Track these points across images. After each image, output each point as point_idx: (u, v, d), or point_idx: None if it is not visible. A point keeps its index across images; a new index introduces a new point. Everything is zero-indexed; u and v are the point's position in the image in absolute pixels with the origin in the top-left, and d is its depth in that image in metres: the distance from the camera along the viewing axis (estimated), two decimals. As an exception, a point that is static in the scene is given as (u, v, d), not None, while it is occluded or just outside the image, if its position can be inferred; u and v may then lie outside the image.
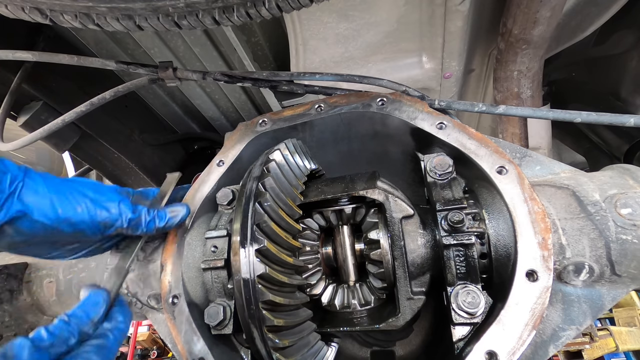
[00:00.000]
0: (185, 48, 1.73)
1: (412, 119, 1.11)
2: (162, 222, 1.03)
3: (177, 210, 1.07)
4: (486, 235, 0.92)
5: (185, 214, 1.08)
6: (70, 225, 0.89)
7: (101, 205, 0.93)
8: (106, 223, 0.93)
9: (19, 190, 0.83)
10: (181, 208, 1.08)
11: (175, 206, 1.08)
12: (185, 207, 1.09)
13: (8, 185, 0.81)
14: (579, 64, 2.12)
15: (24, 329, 1.34)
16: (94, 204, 0.93)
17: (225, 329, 1.01)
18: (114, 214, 0.94)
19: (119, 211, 0.95)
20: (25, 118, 1.74)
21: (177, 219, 1.06)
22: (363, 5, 1.42)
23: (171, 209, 1.06)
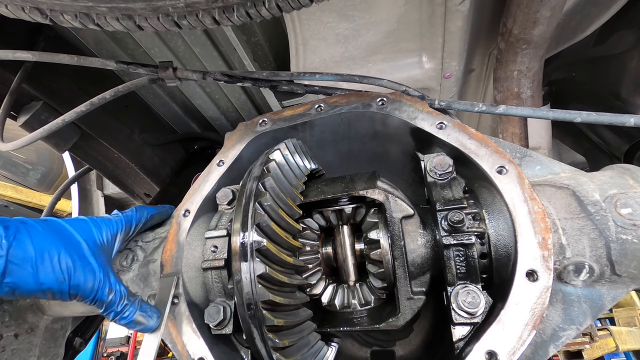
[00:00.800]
0: (185, 48, 1.73)
1: (412, 118, 1.11)
2: (121, 321, 0.99)
3: (145, 320, 1.00)
4: (486, 235, 0.92)
5: (150, 328, 1.01)
6: (49, 294, 0.89)
7: (84, 277, 0.93)
8: (80, 295, 0.93)
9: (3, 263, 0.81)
10: (150, 320, 1.00)
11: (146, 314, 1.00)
12: (154, 319, 1.01)
13: None
14: (579, 64, 2.12)
15: (24, 328, 1.34)
16: (76, 274, 0.92)
17: (225, 329, 1.01)
18: (90, 289, 0.93)
19: (97, 289, 0.94)
20: (25, 118, 1.73)
21: (138, 328, 1.00)
22: (363, 5, 1.42)
23: (141, 314, 0.99)
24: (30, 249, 0.87)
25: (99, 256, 1.00)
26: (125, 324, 0.99)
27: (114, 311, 0.97)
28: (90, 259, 0.96)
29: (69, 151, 2.00)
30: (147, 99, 2.12)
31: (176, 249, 1.13)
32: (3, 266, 0.81)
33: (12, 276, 0.83)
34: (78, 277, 0.92)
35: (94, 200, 2.79)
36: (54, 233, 0.94)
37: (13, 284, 0.83)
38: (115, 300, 0.97)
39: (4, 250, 0.83)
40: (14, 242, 0.84)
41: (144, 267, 1.17)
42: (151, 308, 1.02)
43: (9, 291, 0.84)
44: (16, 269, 0.83)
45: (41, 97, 1.74)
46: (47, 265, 0.88)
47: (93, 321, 2.04)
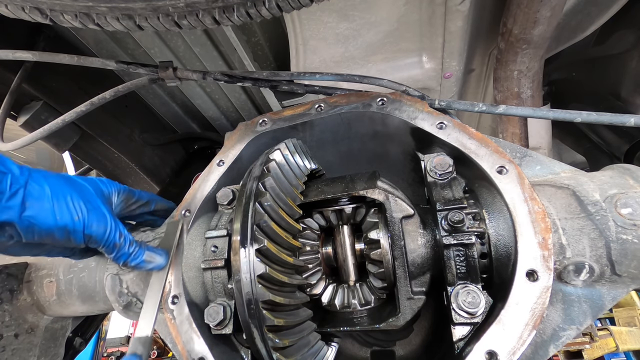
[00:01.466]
0: (186, 48, 1.73)
1: (412, 118, 1.11)
2: (133, 262, 1.03)
3: (154, 258, 1.05)
4: (486, 235, 0.92)
5: (160, 265, 1.06)
6: (64, 233, 0.91)
7: (97, 218, 0.96)
8: (93, 237, 0.95)
9: (22, 194, 0.84)
10: (158, 257, 1.06)
11: (155, 253, 1.06)
12: (164, 256, 1.07)
13: (9, 187, 0.82)
14: (579, 64, 2.12)
15: (24, 328, 1.34)
16: (90, 215, 0.95)
17: (225, 329, 1.01)
18: (103, 231, 0.96)
19: (109, 230, 0.98)
20: (26, 118, 1.74)
21: (149, 267, 1.05)
22: (363, 5, 1.42)
23: (149, 254, 1.05)
24: (46, 187, 0.89)
25: (106, 204, 1.03)
26: (137, 265, 1.03)
27: (125, 254, 1.01)
28: (99, 204, 1.00)
29: (69, 151, 2.00)
30: (147, 98, 2.12)
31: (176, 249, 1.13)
32: (22, 196, 0.83)
33: (31, 209, 0.85)
34: (91, 217, 0.94)
35: (94, 200, 2.78)
36: (64, 179, 0.97)
37: (32, 218, 0.85)
38: (126, 242, 1.01)
39: (23, 181, 0.85)
40: (29, 179, 0.87)
41: None
42: (157, 249, 1.08)
43: (28, 226, 0.85)
44: (35, 203, 0.85)
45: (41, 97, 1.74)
46: (63, 204, 0.90)
47: (93, 321, 2.03)
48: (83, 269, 1.29)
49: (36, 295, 1.34)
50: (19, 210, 0.83)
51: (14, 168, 0.86)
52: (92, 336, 2.07)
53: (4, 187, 0.81)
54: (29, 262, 1.39)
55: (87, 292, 1.28)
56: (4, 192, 0.81)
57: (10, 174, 0.83)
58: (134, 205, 1.18)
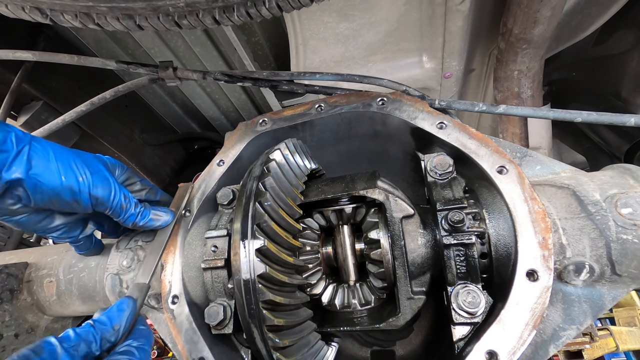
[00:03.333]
0: (186, 48, 1.73)
1: (412, 118, 1.11)
2: (142, 221, 1.05)
3: (160, 215, 1.09)
4: (486, 234, 0.92)
5: (167, 222, 1.10)
6: (70, 193, 0.91)
7: (100, 180, 0.96)
8: (99, 199, 0.96)
9: (27, 152, 0.84)
10: (165, 214, 1.10)
11: (161, 211, 1.10)
12: (170, 214, 1.11)
13: (15, 144, 0.82)
14: (579, 64, 2.12)
15: (24, 328, 1.34)
16: (94, 177, 0.95)
17: (226, 329, 1.01)
18: (108, 193, 0.97)
19: (114, 191, 0.99)
20: (26, 118, 1.74)
21: (157, 224, 1.08)
22: (363, 5, 1.42)
23: (155, 212, 1.08)
24: (49, 149, 0.89)
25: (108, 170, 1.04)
26: (145, 224, 1.06)
27: (133, 214, 1.03)
28: (101, 169, 1.00)
29: (69, 151, 2.00)
30: (147, 98, 2.12)
31: (176, 248, 1.13)
32: (27, 155, 0.83)
33: (37, 167, 0.85)
34: (95, 179, 0.95)
35: (94, 200, 2.79)
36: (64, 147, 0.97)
37: (38, 176, 0.85)
38: (131, 204, 1.03)
39: (27, 141, 0.85)
40: (33, 140, 0.87)
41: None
42: (162, 208, 1.12)
43: (35, 184, 0.85)
44: (40, 161, 0.86)
45: (41, 97, 1.74)
46: (67, 165, 0.91)
47: (93, 321, 2.03)
48: (83, 268, 1.29)
49: (36, 295, 1.34)
50: (26, 168, 0.83)
51: (17, 130, 0.86)
52: (92, 336, 2.07)
53: (9, 146, 0.82)
54: (29, 262, 1.39)
55: (87, 292, 1.28)
56: (9, 151, 0.81)
57: (14, 132, 0.84)
58: (137, 185, 1.18)
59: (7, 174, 0.81)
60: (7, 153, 0.81)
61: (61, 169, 0.89)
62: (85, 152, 1.04)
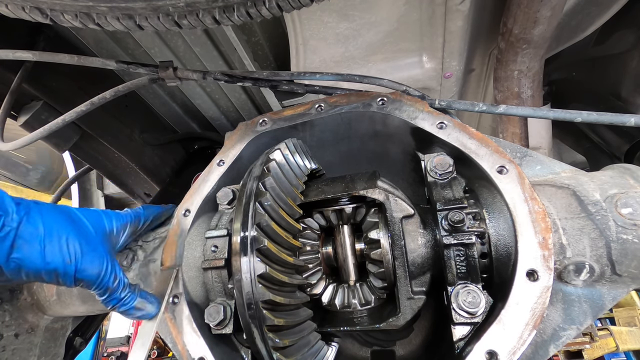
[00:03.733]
0: (186, 48, 1.73)
1: (412, 118, 1.11)
2: (122, 308, 0.98)
3: (145, 306, 1.01)
4: (486, 234, 0.92)
5: (150, 315, 1.02)
6: (54, 276, 0.88)
7: (91, 261, 0.92)
8: (85, 281, 0.92)
9: (12, 237, 0.81)
10: (150, 306, 1.02)
11: (147, 300, 1.01)
12: (155, 306, 1.02)
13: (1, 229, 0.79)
14: (579, 64, 2.12)
15: (24, 328, 1.34)
16: (85, 258, 0.91)
17: (226, 329, 1.01)
18: (96, 275, 0.92)
19: (103, 273, 0.93)
20: (26, 118, 1.74)
21: (138, 314, 1.00)
22: (363, 5, 1.42)
23: (141, 301, 1.00)
24: (40, 227, 0.86)
25: (105, 243, 1.00)
26: (126, 311, 0.99)
27: (116, 298, 0.97)
28: (97, 245, 0.96)
29: (69, 151, 2.00)
30: (147, 98, 2.12)
31: (176, 248, 1.13)
32: (12, 240, 0.81)
33: (19, 252, 0.82)
34: (85, 260, 0.91)
35: (94, 200, 2.79)
36: (65, 216, 0.94)
37: (20, 260, 0.82)
38: (119, 287, 0.97)
39: (15, 224, 0.82)
40: (24, 218, 0.85)
41: (144, 267, 1.17)
42: (151, 296, 1.03)
43: (15, 268, 0.83)
44: (24, 244, 0.83)
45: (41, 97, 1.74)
46: (55, 245, 0.87)
47: (93, 321, 2.04)
48: (83, 268, 1.29)
49: (36, 295, 1.34)
50: (7, 253, 0.80)
51: (10, 207, 0.83)
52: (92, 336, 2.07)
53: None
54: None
55: (87, 292, 1.27)
56: None
57: (4, 215, 0.81)
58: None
59: None
60: None
61: (47, 250, 0.85)
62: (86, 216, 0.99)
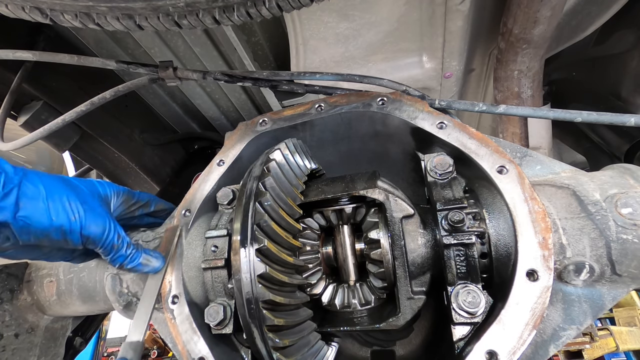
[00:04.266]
0: (186, 48, 1.73)
1: (412, 118, 1.11)
2: (130, 264, 1.01)
3: (150, 261, 1.04)
4: (486, 234, 0.92)
5: (156, 268, 1.06)
6: (61, 233, 0.89)
7: (94, 218, 0.94)
8: (90, 238, 0.93)
9: (16, 194, 0.82)
10: (155, 260, 1.05)
11: (152, 255, 1.05)
12: (161, 260, 1.07)
13: (2, 187, 0.80)
14: (579, 64, 2.12)
15: (24, 328, 1.34)
16: (87, 215, 0.92)
17: (226, 329, 1.01)
18: (101, 232, 0.94)
19: (107, 230, 0.96)
20: (26, 118, 1.74)
21: (145, 269, 1.04)
22: (363, 5, 1.41)
23: (146, 257, 1.04)
24: (41, 187, 0.87)
25: (103, 205, 1.01)
26: (133, 267, 1.02)
27: (122, 255, 0.99)
28: (96, 205, 0.98)
29: (69, 151, 2.00)
30: (147, 98, 2.12)
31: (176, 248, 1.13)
32: (15, 196, 0.81)
33: (25, 210, 0.83)
34: (88, 218, 0.92)
35: (94, 200, 2.78)
36: (60, 179, 0.95)
37: (26, 218, 0.83)
38: (123, 244, 0.99)
39: (17, 180, 0.83)
40: (23, 178, 0.85)
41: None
42: (154, 252, 1.07)
43: (23, 226, 0.83)
44: (29, 203, 0.83)
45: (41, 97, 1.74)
46: (58, 204, 0.88)
47: (93, 321, 2.04)
48: (83, 268, 1.29)
49: (36, 295, 1.34)
50: (13, 210, 0.81)
51: (8, 167, 0.84)
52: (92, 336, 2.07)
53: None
54: (29, 261, 1.39)
55: (87, 292, 1.28)
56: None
57: (4, 173, 0.82)
58: (133, 206, 1.18)
59: None
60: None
61: (52, 208, 0.86)
62: (80, 183, 1.01)
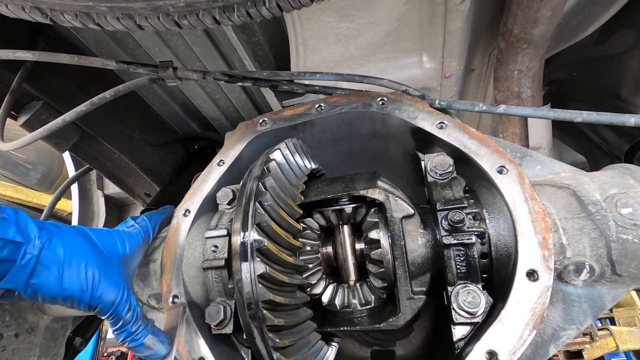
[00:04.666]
0: (186, 48, 1.73)
1: (412, 118, 1.11)
2: (131, 343, 0.94)
3: (156, 346, 0.96)
4: (487, 234, 0.92)
5: (159, 355, 0.97)
6: (69, 301, 0.87)
7: (107, 289, 0.90)
8: (98, 308, 0.90)
9: (32, 264, 0.80)
10: (161, 347, 0.97)
11: (158, 340, 0.97)
12: (166, 348, 0.98)
13: (20, 259, 0.79)
14: (579, 64, 2.12)
15: (24, 328, 1.34)
16: (101, 284, 0.90)
17: (226, 329, 1.01)
18: (110, 304, 0.91)
19: (117, 303, 0.92)
20: (26, 118, 1.73)
21: (147, 353, 0.96)
22: (363, 5, 1.41)
23: (152, 340, 0.96)
24: (60, 253, 0.85)
25: (123, 270, 0.98)
26: (134, 347, 0.94)
27: (127, 330, 0.93)
28: (114, 272, 0.95)
29: (69, 151, 2.00)
30: (147, 98, 2.12)
31: (176, 248, 1.13)
32: (32, 267, 0.81)
33: (38, 277, 0.82)
34: (101, 287, 0.89)
35: (94, 200, 2.79)
36: (84, 240, 0.93)
37: (37, 286, 0.82)
38: (132, 319, 0.94)
39: (37, 250, 0.82)
40: (46, 244, 0.84)
41: (144, 267, 1.17)
42: (163, 333, 0.99)
43: (32, 293, 0.82)
44: (43, 270, 0.82)
45: (41, 97, 1.74)
46: (74, 272, 0.86)
47: (93, 321, 2.04)
48: (83, 268, 1.29)
49: (36, 295, 1.34)
50: (26, 279, 0.80)
51: (33, 233, 0.82)
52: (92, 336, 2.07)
53: (16, 257, 0.78)
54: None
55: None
56: (14, 261, 0.78)
57: (26, 244, 0.80)
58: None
59: (4, 283, 0.78)
60: (12, 263, 0.78)
61: (65, 277, 0.85)
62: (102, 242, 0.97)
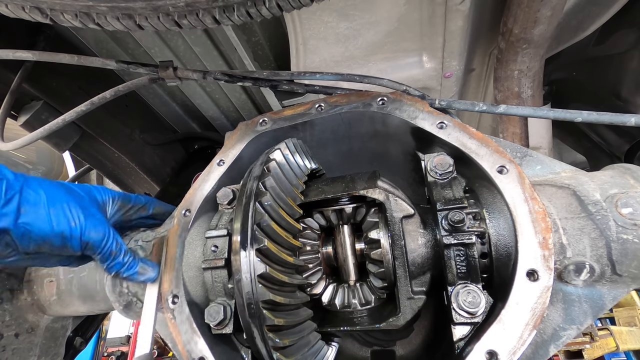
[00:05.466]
0: (186, 47, 1.73)
1: (412, 118, 1.11)
2: (126, 272, 1.02)
3: (147, 270, 1.06)
4: (487, 234, 0.92)
5: (151, 278, 1.07)
6: (61, 240, 0.89)
7: (94, 225, 0.94)
8: (90, 244, 0.93)
9: (17, 200, 0.82)
10: (151, 270, 1.07)
11: (148, 265, 1.07)
12: (156, 271, 1.08)
13: (4, 193, 0.80)
14: (579, 64, 2.12)
15: (24, 328, 1.34)
16: (87, 221, 0.93)
17: (226, 329, 1.01)
18: (100, 238, 0.95)
19: (106, 237, 0.96)
20: (26, 117, 1.74)
21: (141, 278, 1.06)
22: (363, 5, 1.41)
23: (143, 266, 1.05)
24: (42, 193, 0.87)
25: (101, 211, 1.02)
26: (130, 275, 1.03)
27: (119, 263, 1.00)
28: (95, 212, 0.98)
29: (69, 151, 2.00)
30: (147, 98, 2.12)
31: (176, 248, 1.13)
32: (17, 203, 0.81)
33: (27, 216, 0.83)
34: (88, 224, 0.92)
35: (94, 199, 2.78)
36: (60, 185, 0.95)
37: (28, 225, 0.83)
38: (121, 252, 1.00)
39: (18, 188, 0.83)
40: (24, 184, 0.85)
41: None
42: (149, 261, 1.09)
43: (24, 232, 0.83)
44: (30, 209, 0.83)
45: (41, 97, 1.74)
46: (59, 210, 0.88)
47: (93, 321, 2.04)
48: (83, 268, 1.29)
49: (36, 295, 1.34)
50: (14, 217, 0.81)
51: (9, 173, 0.84)
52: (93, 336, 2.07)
53: None
54: (29, 261, 1.39)
55: (87, 292, 1.28)
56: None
57: (5, 179, 0.82)
58: (130, 210, 1.17)
59: None
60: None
61: (53, 215, 0.87)
62: (78, 189, 1.01)
